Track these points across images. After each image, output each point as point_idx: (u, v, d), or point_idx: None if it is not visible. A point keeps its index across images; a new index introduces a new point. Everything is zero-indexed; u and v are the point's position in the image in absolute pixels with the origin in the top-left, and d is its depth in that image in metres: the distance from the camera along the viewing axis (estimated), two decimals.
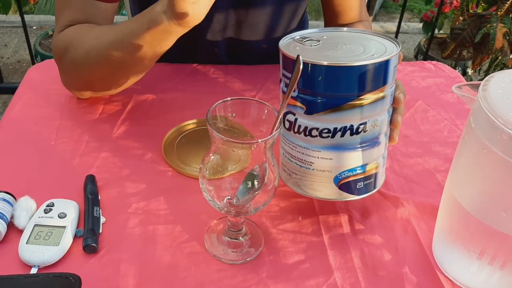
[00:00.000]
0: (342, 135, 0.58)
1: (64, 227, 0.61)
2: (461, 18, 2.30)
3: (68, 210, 0.63)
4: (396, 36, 2.31)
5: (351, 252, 0.63)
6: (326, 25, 1.02)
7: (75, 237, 0.61)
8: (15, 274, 0.56)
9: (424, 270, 0.61)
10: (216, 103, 0.56)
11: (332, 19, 0.99)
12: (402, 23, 2.33)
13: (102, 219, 0.64)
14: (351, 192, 0.63)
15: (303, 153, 0.61)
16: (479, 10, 2.32)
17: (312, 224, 0.66)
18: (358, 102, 0.57)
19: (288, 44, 0.61)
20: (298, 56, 0.53)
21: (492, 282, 0.56)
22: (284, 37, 0.62)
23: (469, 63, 2.54)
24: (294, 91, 0.58)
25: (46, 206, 0.64)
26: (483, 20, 2.07)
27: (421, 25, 2.89)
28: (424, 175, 0.76)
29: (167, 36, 0.68)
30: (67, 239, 0.60)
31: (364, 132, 0.59)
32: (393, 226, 0.67)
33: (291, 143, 0.62)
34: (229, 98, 0.57)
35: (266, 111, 0.57)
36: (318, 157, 0.60)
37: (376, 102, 0.58)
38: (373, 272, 0.60)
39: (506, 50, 2.03)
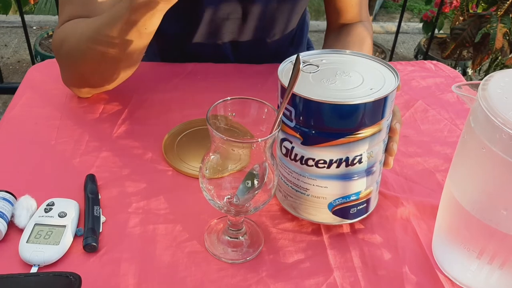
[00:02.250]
0: (338, 166, 0.59)
1: (65, 226, 0.61)
2: (461, 18, 2.30)
3: (68, 209, 0.63)
4: (396, 36, 2.30)
5: (350, 251, 0.63)
6: (328, 24, 1.01)
7: (75, 236, 0.62)
8: (15, 273, 0.56)
9: (424, 269, 0.61)
10: (216, 102, 0.56)
11: (333, 17, 0.99)
12: (402, 23, 2.33)
13: (102, 218, 0.64)
14: (344, 217, 0.64)
15: (298, 179, 0.61)
16: (479, 10, 2.32)
17: (312, 224, 0.66)
18: (354, 136, 0.57)
19: (287, 71, 0.60)
20: (297, 55, 0.53)
21: (492, 282, 0.56)
22: (284, 61, 0.61)
23: (469, 63, 2.54)
24: (292, 121, 0.58)
25: (47, 205, 0.64)
26: (483, 20, 2.07)
27: (421, 25, 2.89)
28: (424, 174, 0.76)
29: (151, 14, 0.66)
30: (67, 238, 0.60)
31: (360, 163, 0.59)
32: (393, 226, 0.67)
33: (287, 168, 0.62)
34: (229, 98, 0.57)
35: (266, 111, 0.57)
36: (313, 185, 0.61)
37: (372, 135, 0.58)
38: (372, 272, 0.60)
39: (506, 50, 2.03)
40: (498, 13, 2.02)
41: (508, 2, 2.00)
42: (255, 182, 0.57)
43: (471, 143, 0.53)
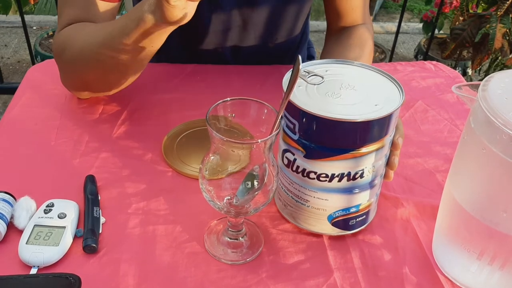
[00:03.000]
0: (340, 180, 0.59)
1: (64, 227, 0.61)
2: (461, 18, 2.30)
3: (68, 210, 0.63)
4: (396, 36, 2.30)
5: (351, 252, 0.63)
6: (328, 26, 1.01)
7: (75, 237, 0.62)
8: (15, 274, 0.56)
9: (424, 270, 0.61)
10: (216, 103, 0.56)
11: (333, 20, 0.98)
12: (402, 23, 2.33)
13: (102, 219, 0.64)
14: (344, 228, 0.64)
15: (299, 191, 0.61)
16: (479, 10, 2.31)
17: None
18: (357, 152, 0.57)
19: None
20: (298, 56, 0.53)
21: (492, 282, 0.56)
22: (289, 71, 0.60)
23: (469, 63, 2.54)
24: (295, 134, 0.58)
25: (46, 206, 0.64)
26: (483, 20, 2.07)
27: (421, 25, 2.89)
28: (424, 175, 0.76)
29: (157, 35, 0.66)
30: (67, 239, 0.60)
31: (362, 178, 0.59)
32: (393, 226, 0.67)
33: (289, 178, 0.62)
34: (228, 98, 0.57)
35: (265, 111, 0.57)
36: (314, 197, 0.61)
37: (375, 151, 0.58)
38: (373, 273, 0.60)
39: (505, 50, 2.03)
40: (498, 13, 2.02)
41: (508, 2, 2.00)
42: (255, 183, 0.57)
43: (471, 144, 0.53)
